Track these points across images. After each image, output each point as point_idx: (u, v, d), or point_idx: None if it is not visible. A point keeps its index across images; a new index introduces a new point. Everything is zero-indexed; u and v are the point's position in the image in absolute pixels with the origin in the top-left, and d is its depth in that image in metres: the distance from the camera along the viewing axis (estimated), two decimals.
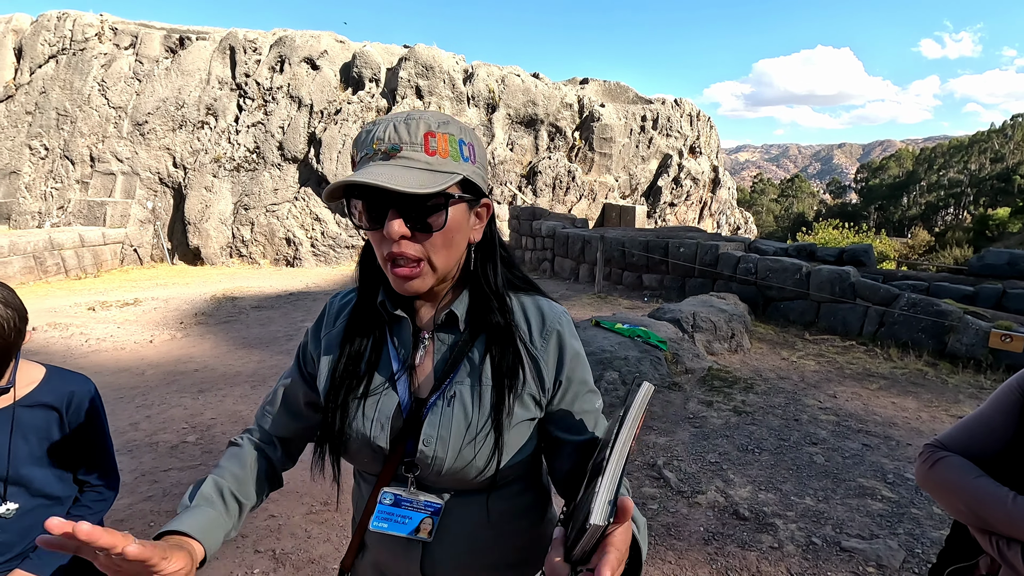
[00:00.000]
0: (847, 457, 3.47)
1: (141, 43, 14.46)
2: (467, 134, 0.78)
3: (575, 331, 0.89)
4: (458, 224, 0.77)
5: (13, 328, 1.08)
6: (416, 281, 0.77)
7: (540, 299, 0.90)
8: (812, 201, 63.93)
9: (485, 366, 0.82)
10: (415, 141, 0.73)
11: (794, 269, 7.03)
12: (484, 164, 0.82)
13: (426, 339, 0.86)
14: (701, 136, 19.91)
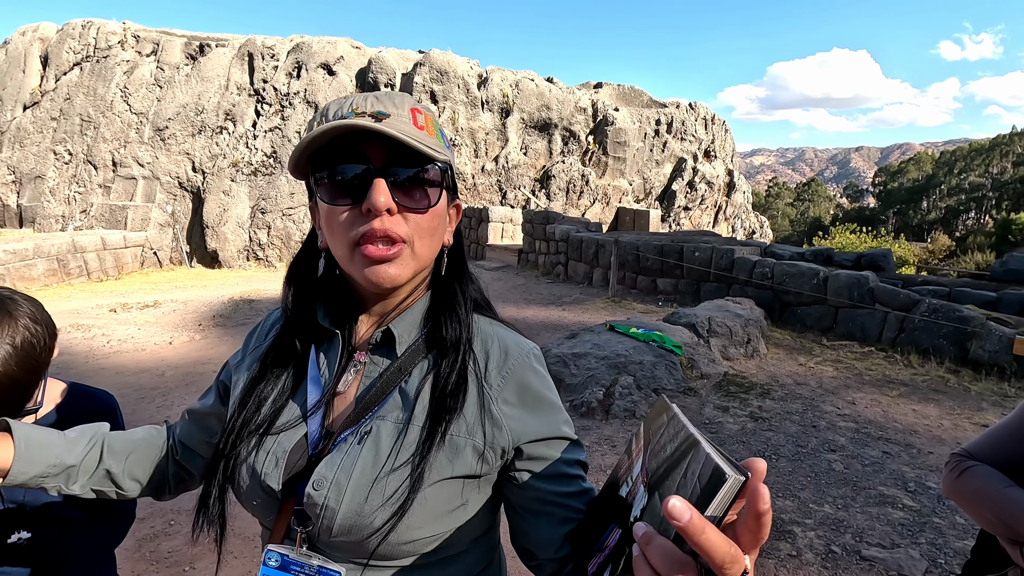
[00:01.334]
0: (867, 465, 3.42)
1: (162, 50, 14.75)
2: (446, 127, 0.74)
3: (547, 375, 0.72)
4: (443, 211, 0.68)
5: (44, 346, 1.01)
6: (394, 266, 0.63)
7: (506, 329, 0.74)
8: (829, 205, 63.18)
9: (420, 400, 0.65)
10: (403, 113, 0.63)
11: (811, 274, 6.95)
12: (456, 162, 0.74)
13: (359, 362, 0.70)
14: (716, 140, 19.79)
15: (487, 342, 0.71)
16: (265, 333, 0.80)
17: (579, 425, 3.98)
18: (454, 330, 0.68)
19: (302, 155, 0.63)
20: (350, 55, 14.95)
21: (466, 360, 0.67)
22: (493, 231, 13.61)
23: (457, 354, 0.67)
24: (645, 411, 4.13)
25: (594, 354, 4.86)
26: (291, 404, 0.70)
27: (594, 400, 4.19)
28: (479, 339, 0.71)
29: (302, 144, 0.62)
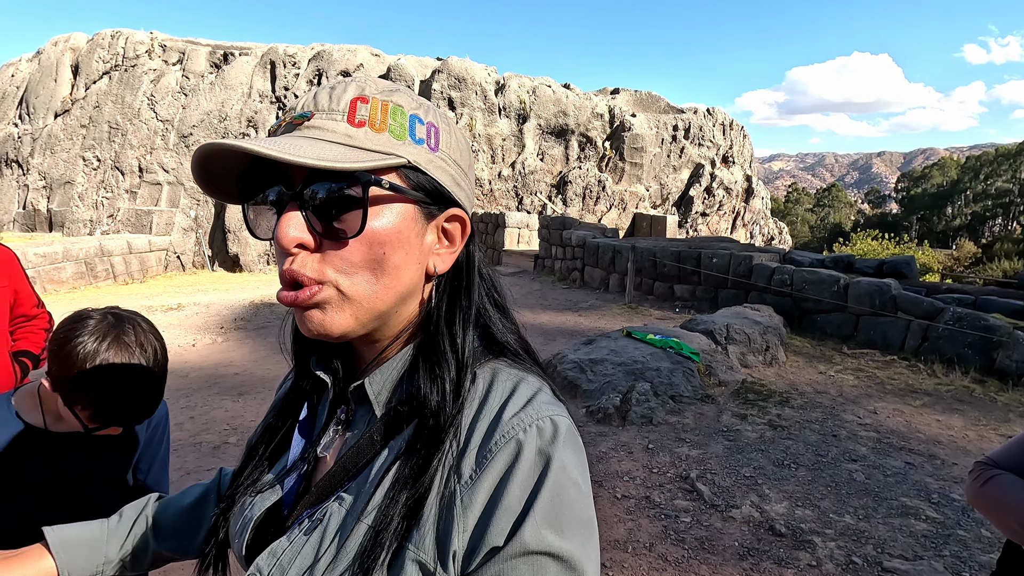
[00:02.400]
0: (889, 475, 3.37)
1: (188, 59, 15.11)
2: (431, 114, 0.55)
3: (563, 470, 0.49)
4: (397, 234, 0.52)
5: (166, 359, 1.04)
6: (316, 313, 0.51)
7: (525, 385, 0.54)
8: (849, 211, 62.23)
9: (380, 491, 0.51)
10: (335, 108, 0.51)
11: (831, 281, 6.87)
12: (461, 161, 0.57)
13: (339, 420, 0.60)
14: (734, 145, 19.65)
15: (486, 404, 0.53)
16: (284, 381, 0.71)
17: (595, 431, 3.99)
18: (433, 396, 0.52)
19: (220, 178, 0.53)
20: (370, 63, 15.16)
21: (448, 435, 0.50)
22: (509, 237, 13.66)
23: (435, 436, 0.50)
24: (663, 418, 4.13)
25: (611, 360, 4.86)
26: (282, 460, 0.62)
27: (611, 406, 4.19)
28: (476, 400, 0.53)
29: (193, 169, 0.51)
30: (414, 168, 0.52)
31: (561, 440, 0.50)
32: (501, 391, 0.53)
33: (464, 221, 0.57)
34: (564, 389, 4.73)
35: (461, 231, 0.57)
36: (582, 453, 0.53)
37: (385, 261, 0.52)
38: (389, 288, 0.53)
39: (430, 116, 0.55)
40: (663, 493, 3.17)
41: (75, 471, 1.08)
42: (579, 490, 0.50)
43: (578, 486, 0.50)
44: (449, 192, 0.55)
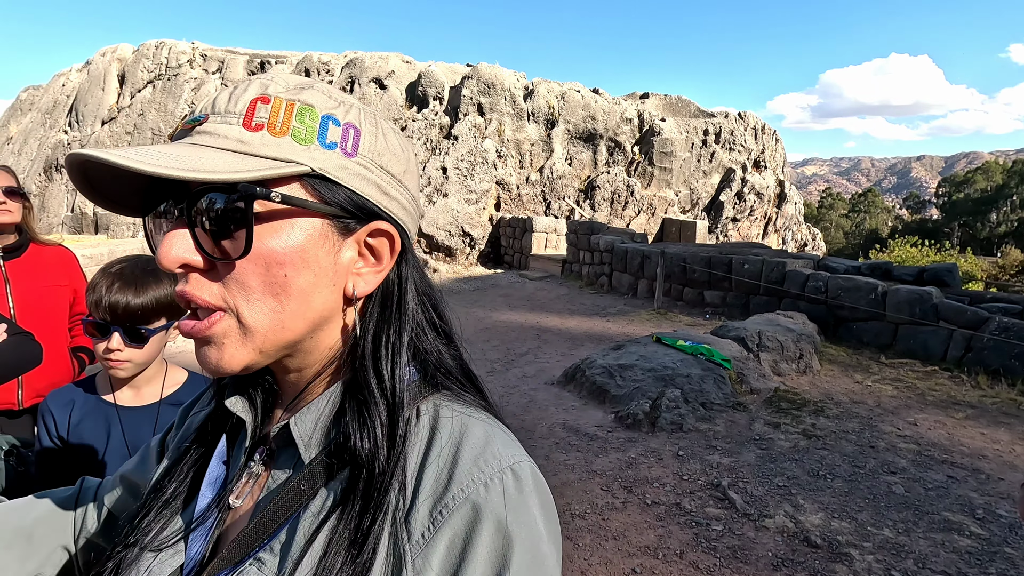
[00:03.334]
0: (930, 489, 3.27)
1: (227, 68, 15.61)
2: (353, 113, 0.48)
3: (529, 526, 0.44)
4: (300, 253, 0.46)
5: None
6: (212, 349, 0.46)
7: (477, 426, 0.48)
8: (887, 217, 60.37)
9: (311, 553, 0.44)
10: (232, 110, 0.45)
11: (868, 288, 6.69)
12: (392, 167, 0.50)
13: (257, 463, 0.52)
14: (766, 150, 19.31)
15: (432, 447, 0.46)
16: (206, 404, 0.61)
17: (625, 437, 3.97)
18: (365, 444, 0.46)
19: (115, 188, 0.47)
20: (401, 69, 15.41)
21: (383, 499, 0.44)
22: (537, 241, 13.68)
23: (374, 489, 0.44)
24: (693, 425, 4.08)
25: (640, 366, 4.83)
26: (191, 509, 0.53)
27: (640, 412, 4.17)
28: (421, 444, 0.47)
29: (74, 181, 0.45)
30: (321, 177, 0.46)
31: (527, 494, 0.45)
32: (448, 432, 0.47)
33: (392, 236, 0.50)
34: (592, 394, 4.73)
35: (389, 247, 0.50)
36: (549, 500, 0.48)
37: (288, 285, 0.45)
38: (297, 315, 0.46)
39: (350, 116, 0.48)
40: (694, 500, 3.14)
41: (146, 439, 1.19)
42: (552, 553, 0.45)
43: (550, 547, 0.45)
44: (372, 203, 0.48)
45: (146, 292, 1.14)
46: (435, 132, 14.67)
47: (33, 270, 1.96)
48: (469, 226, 14.28)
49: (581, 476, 3.42)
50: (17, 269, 1.94)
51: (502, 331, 7.47)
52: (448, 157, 14.30)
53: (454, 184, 14.20)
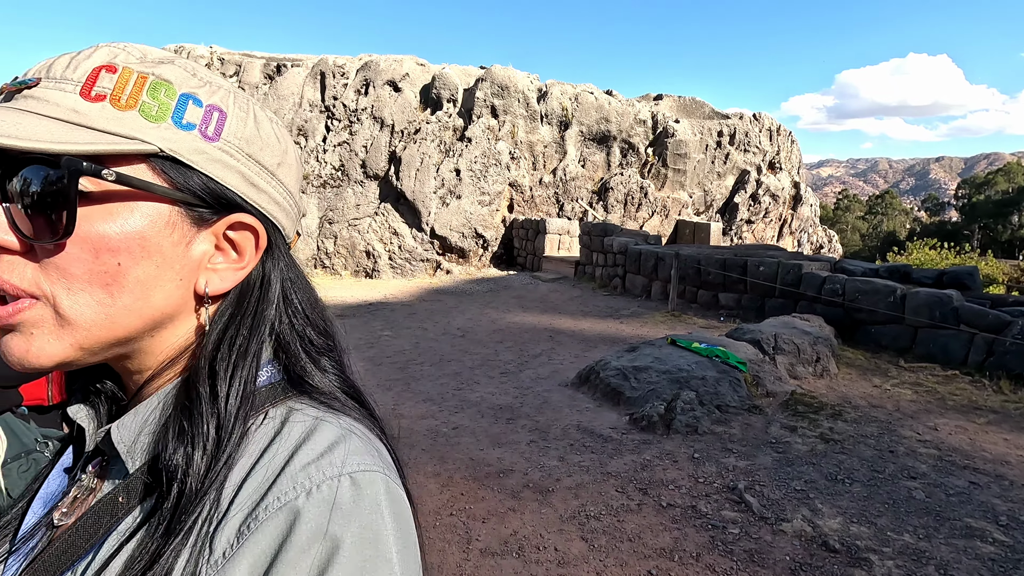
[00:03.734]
0: (951, 494, 3.22)
1: (244, 71, 15.81)
2: (219, 95, 0.44)
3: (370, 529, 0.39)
4: (140, 241, 0.41)
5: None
6: (16, 339, 0.41)
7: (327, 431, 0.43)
8: (904, 219, 59.43)
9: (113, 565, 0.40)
10: (69, 76, 0.40)
11: (887, 291, 6.60)
12: (263, 157, 0.46)
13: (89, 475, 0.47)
14: (781, 151, 19.13)
15: (267, 453, 0.42)
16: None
17: (639, 439, 3.96)
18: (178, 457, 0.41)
19: None
20: (415, 72, 15.50)
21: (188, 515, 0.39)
22: (550, 243, 13.68)
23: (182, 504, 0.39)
24: (708, 427, 4.06)
25: (655, 368, 4.81)
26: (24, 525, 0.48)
27: (655, 414, 4.15)
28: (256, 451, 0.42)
29: None
30: (172, 159, 0.41)
31: (368, 504, 0.39)
32: (290, 437, 0.42)
33: (257, 231, 0.45)
34: (607, 396, 4.72)
35: (254, 243, 0.46)
36: (402, 518, 0.41)
37: (121, 275, 0.40)
38: (131, 311, 0.41)
39: (216, 98, 0.43)
40: (710, 503, 3.12)
41: None
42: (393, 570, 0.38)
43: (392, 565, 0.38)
44: (234, 193, 0.44)
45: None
46: (449, 134, 14.74)
47: None
48: (482, 228, 14.31)
49: (596, 477, 3.42)
50: None
51: (515, 332, 7.48)
52: (461, 159, 14.35)
53: (467, 186, 14.25)
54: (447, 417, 4.44)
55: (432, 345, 6.84)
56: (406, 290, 11.48)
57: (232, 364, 0.44)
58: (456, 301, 10.01)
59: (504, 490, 3.27)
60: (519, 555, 2.67)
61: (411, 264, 13.84)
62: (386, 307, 9.50)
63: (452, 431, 4.16)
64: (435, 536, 2.82)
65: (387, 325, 8.01)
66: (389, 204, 14.31)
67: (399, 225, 14.07)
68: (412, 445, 3.90)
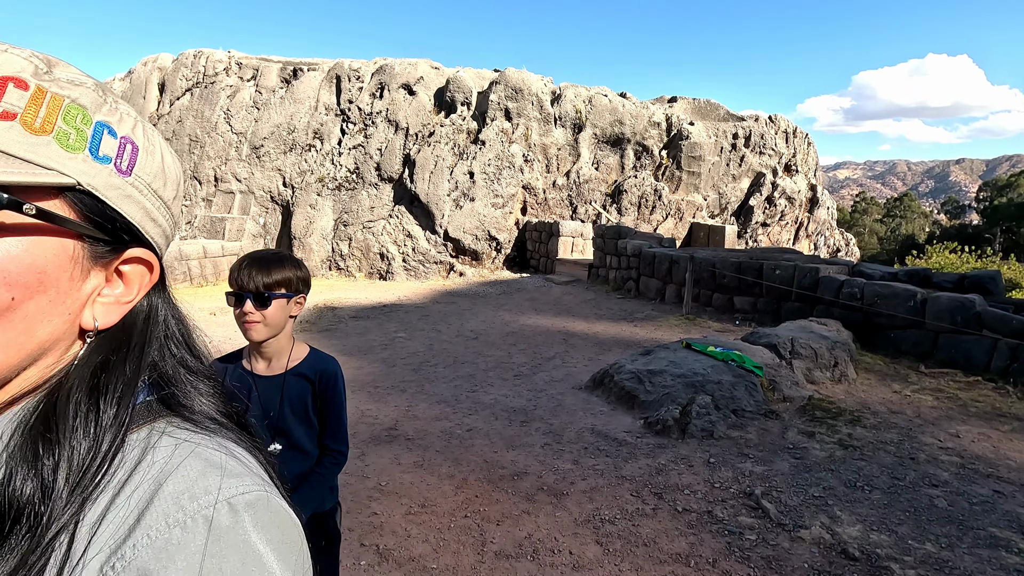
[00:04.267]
0: (975, 503, 3.16)
1: (261, 75, 16.01)
2: (129, 125, 0.42)
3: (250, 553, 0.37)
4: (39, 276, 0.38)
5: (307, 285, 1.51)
6: None
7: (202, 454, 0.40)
8: (924, 222, 58.43)
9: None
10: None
11: (907, 295, 6.50)
12: (163, 191, 0.45)
13: None
14: (798, 153, 18.93)
15: (128, 487, 0.38)
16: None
17: (654, 443, 3.93)
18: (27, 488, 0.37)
19: None
20: (429, 75, 15.59)
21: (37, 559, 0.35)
22: (563, 245, 13.66)
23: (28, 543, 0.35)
24: (724, 432, 4.02)
25: (670, 371, 4.78)
26: None
27: (670, 418, 4.13)
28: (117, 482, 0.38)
29: None
30: (88, 194, 0.39)
31: (245, 531, 0.36)
32: (155, 465, 0.39)
33: (151, 265, 0.44)
34: (621, 399, 4.70)
35: (147, 277, 0.44)
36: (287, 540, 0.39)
37: (11, 310, 0.37)
38: (12, 346, 0.38)
39: (126, 128, 0.42)
40: (726, 509, 3.09)
41: (274, 402, 1.49)
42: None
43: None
44: (138, 229, 0.42)
45: (269, 270, 1.42)
46: (462, 137, 14.79)
47: None
48: (495, 230, 14.33)
49: (610, 481, 3.40)
50: None
51: (528, 335, 7.48)
52: (475, 162, 14.40)
53: (481, 188, 14.29)
54: (461, 419, 4.45)
55: (446, 347, 6.86)
56: (420, 292, 11.53)
57: (109, 391, 0.41)
58: (469, 303, 10.03)
59: (518, 493, 3.27)
60: (534, 558, 2.66)
61: (425, 266, 13.89)
62: (400, 309, 9.55)
63: (466, 433, 4.16)
64: (450, 538, 2.82)
65: (401, 327, 8.05)
66: (403, 206, 14.39)
67: (413, 227, 14.14)
68: (426, 447, 3.91)
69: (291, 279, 1.44)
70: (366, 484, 3.34)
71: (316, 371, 1.51)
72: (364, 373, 5.78)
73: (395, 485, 3.36)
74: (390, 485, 3.36)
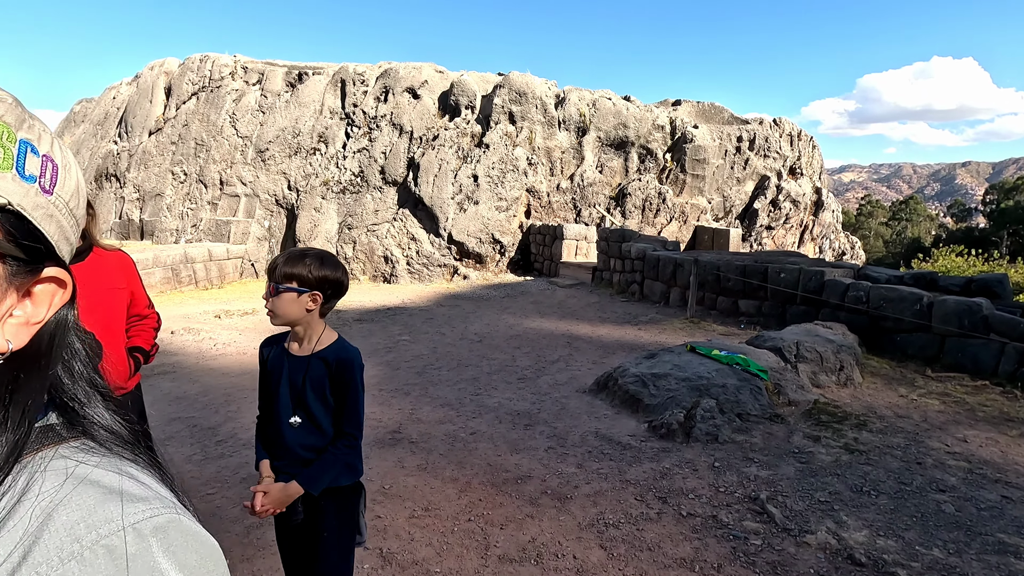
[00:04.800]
0: (983, 509, 3.13)
1: (266, 79, 16.10)
2: (49, 143, 0.42)
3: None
4: None
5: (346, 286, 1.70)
6: None
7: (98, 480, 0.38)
8: (930, 225, 58.13)
9: None
10: None
11: (913, 299, 6.46)
12: (76, 210, 0.44)
13: None
14: (803, 156, 18.88)
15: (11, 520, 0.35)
16: None
17: (658, 447, 3.92)
18: None
19: None
20: (434, 79, 15.64)
21: None
22: (567, 248, 13.65)
23: None
24: (729, 436, 4.00)
25: (674, 375, 4.77)
26: None
27: (674, 422, 4.11)
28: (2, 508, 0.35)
29: None
30: (15, 214, 0.38)
31: (153, 557, 0.34)
32: (43, 494, 0.35)
33: (64, 283, 0.43)
34: (625, 403, 4.68)
35: (59, 295, 0.42)
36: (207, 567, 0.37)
37: None
38: None
39: (45, 146, 0.41)
40: (731, 513, 3.07)
41: (299, 380, 1.66)
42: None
43: None
44: (55, 248, 0.42)
45: (287, 265, 1.59)
46: (466, 140, 14.82)
47: (95, 274, 2.06)
48: (499, 233, 14.34)
49: (615, 485, 3.39)
50: (80, 273, 2.04)
51: (532, 338, 7.47)
52: (479, 165, 14.42)
53: (485, 192, 14.31)
54: (465, 422, 4.45)
55: (450, 350, 6.86)
56: (424, 295, 11.54)
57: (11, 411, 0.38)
58: (473, 306, 10.03)
59: (522, 496, 3.26)
60: (537, 562, 2.65)
61: (429, 269, 13.91)
62: (404, 312, 9.56)
63: (470, 436, 4.16)
64: (453, 542, 2.82)
65: (405, 330, 8.06)
66: (407, 210, 14.41)
67: (417, 231, 14.16)
68: (430, 450, 3.91)
69: (304, 276, 1.58)
70: (370, 487, 3.34)
71: (335, 357, 1.66)
72: (368, 376, 5.76)
73: (399, 488, 3.35)
74: (394, 488, 3.36)
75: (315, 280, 1.59)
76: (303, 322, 1.64)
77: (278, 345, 1.75)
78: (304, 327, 1.66)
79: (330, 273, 1.62)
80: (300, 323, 1.64)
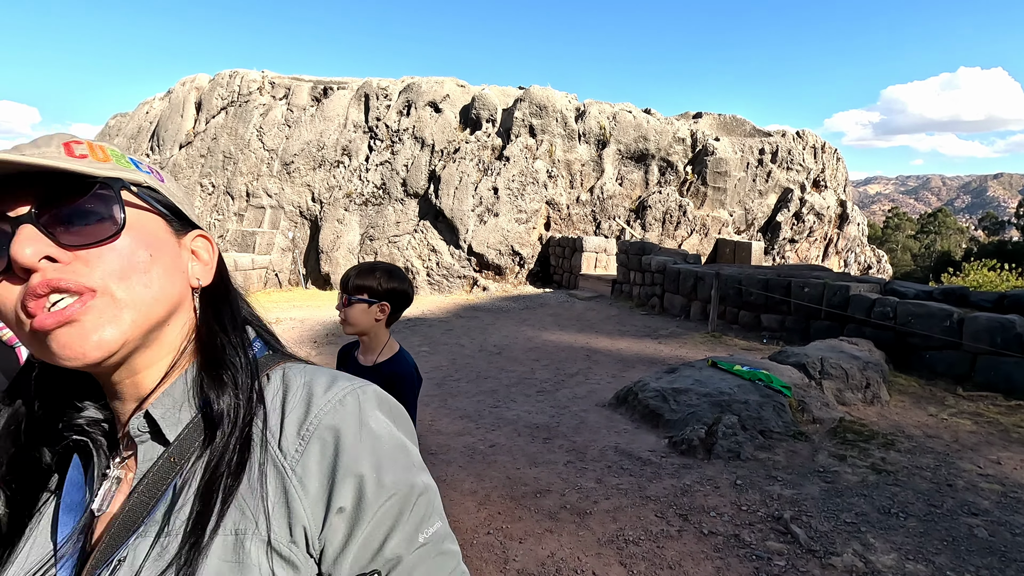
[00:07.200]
0: (1018, 534, 3.03)
1: (292, 94, 16.50)
2: (144, 162, 0.58)
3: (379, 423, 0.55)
4: (157, 240, 0.53)
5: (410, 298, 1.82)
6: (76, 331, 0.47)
7: (320, 371, 0.58)
8: (960, 238, 56.68)
9: (185, 496, 0.49)
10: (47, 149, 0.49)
11: (943, 315, 6.30)
12: (183, 197, 0.59)
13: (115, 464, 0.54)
14: (827, 169, 18.63)
15: (289, 395, 0.55)
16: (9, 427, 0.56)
17: (679, 463, 3.87)
18: (228, 399, 0.52)
19: None
20: (455, 93, 15.86)
21: (248, 425, 0.52)
22: (587, 261, 13.64)
23: (235, 423, 0.51)
24: (751, 453, 3.94)
25: (695, 390, 4.72)
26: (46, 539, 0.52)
27: (695, 438, 4.06)
28: (278, 394, 0.55)
29: None
30: (151, 188, 0.55)
31: (377, 404, 0.56)
32: (300, 382, 0.56)
33: (210, 240, 0.60)
34: (645, 418, 4.65)
35: (210, 249, 0.60)
36: (397, 412, 0.59)
37: (152, 265, 0.51)
38: (164, 293, 0.52)
39: (145, 164, 0.57)
40: (754, 533, 3.02)
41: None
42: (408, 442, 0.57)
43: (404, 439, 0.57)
44: (185, 214, 0.58)
45: (359, 277, 1.72)
46: (487, 153, 14.96)
47: None
48: (519, 245, 14.40)
49: (634, 501, 3.36)
50: None
51: (551, 351, 7.46)
52: (499, 178, 14.53)
53: (505, 204, 14.40)
54: (484, 435, 4.45)
55: (469, 362, 6.88)
56: (443, 306, 11.62)
57: (234, 334, 0.57)
58: (492, 318, 10.07)
59: (541, 511, 3.25)
60: None
61: (448, 281, 14.01)
62: (424, 323, 9.63)
63: (489, 449, 4.16)
64: (472, 555, 2.82)
65: (425, 341, 8.11)
66: (428, 222, 14.57)
67: (437, 242, 14.29)
68: (449, 462, 3.92)
69: (374, 288, 1.71)
70: None
71: (389, 370, 1.74)
72: None
73: None
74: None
75: (384, 292, 1.71)
76: (371, 331, 1.76)
77: (351, 355, 1.88)
78: (371, 337, 1.77)
79: (398, 285, 1.74)
80: (369, 332, 1.76)
